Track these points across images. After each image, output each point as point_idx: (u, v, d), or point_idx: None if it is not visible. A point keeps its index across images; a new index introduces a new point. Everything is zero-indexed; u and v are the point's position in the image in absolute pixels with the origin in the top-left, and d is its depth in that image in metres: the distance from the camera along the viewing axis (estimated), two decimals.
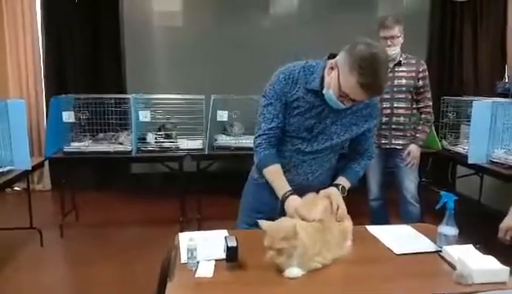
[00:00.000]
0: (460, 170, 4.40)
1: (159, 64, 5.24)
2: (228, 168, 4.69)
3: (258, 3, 5.31)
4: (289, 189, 1.69)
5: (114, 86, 4.97)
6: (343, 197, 1.70)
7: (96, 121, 3.93)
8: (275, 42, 4.80)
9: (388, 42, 3.03)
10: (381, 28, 3.06)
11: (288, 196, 1.66)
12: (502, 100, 3.86)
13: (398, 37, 3.04)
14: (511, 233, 1.90)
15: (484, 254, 1.50)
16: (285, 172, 1.75)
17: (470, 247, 1.57)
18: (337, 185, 1.75)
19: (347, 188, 1.77)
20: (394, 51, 3.05)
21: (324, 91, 1.64)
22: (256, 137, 1.78)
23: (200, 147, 3.98)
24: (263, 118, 1.74)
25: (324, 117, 1.71)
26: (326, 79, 1.63)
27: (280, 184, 1.71)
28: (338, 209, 1.62)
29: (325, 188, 1.73)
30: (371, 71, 1.47)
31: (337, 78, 1.56)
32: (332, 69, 1.59)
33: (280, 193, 1.70)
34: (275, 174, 1.74)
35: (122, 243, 3.72)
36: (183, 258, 1.52)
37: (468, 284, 1.36)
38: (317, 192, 1.71)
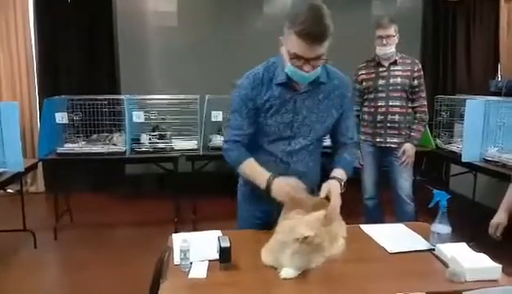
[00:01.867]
0: (454, 168, 4.41)
1: (152, 65, 5.21)
2: (223, 169, 4.67)
3: (252, 3, 5.30)
4: (270, 174, 1.65)
5: (108, 87, 4.96)
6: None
7: (89, 122, 3.91)
8: (269, 42, 4.76)
9: (384, 41, 3.07)
10: (377, 27, 3.12)
11: (272, 180, 1.62)
12: (495, 98, 3.88)
13: (394, 36, 3.08)
14: (501, 229, 1.92)
15: (478, 252, 1.51)
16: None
17: (463, 245, 1.58)
18: (337, 178, 1.70)
19: (344, 180, 1.72)
20: (390, 49, 3.09)
21: (285, 70, 1.61)
22: (223, 143, 1.79)
23: (195, 147, 3.97)
24: (231, 124, 1.75)
25: (299, 108, 1.69)
26: (282, 56, 1.62)
27: (260, 174, 1.67)
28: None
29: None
30: (305, 18, 1.47)
31: (285, 49, 1.57)
32: (282, 46, 1.60)
33: (261, 182, 1.64)
34: (251, 167, 1.71)
35: (116, 245, 3.70)
36: (176, 259, 1.51)
37: (460, 282, 1.37)
38: (310, 191, 1.71)
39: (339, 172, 1.73)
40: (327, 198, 1.62)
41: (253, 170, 1.71)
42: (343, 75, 1.78)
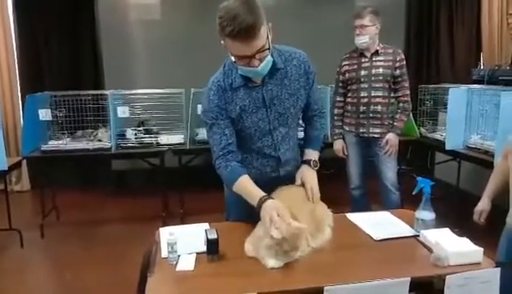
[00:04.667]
0: (439, 156, 4.47)
1: (137, 59, 5.17)
2: (210, 162, 4.67)
3: None
4: (264, 194, 1.57)
5: (92, 83, 4.91)
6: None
7: (73, 118, 3.86)
8: None
9: (357, 31, 3.08)
10: (354, 17, 3.14)
11: (261, 204, 1.52)
12: (478, 86, 3.94)
13: (368, 26, 3.07)
14: (485, 215, 1.96)
15: (461, 237, 1.54)
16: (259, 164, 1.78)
17: (447, 230, 1.61)
18: (308, 161, 1.80)
19: (317, 159, 1.82)
20: (363, 39, 3.09)
21: (239, 72, 1.62)
22: (214, 161, 1.72)
23: (182, 142, 3.95)
24: (213, 141, 1.70)
25: (269, 100, 1.67)
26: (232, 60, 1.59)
27: (253, 193, 1.59)
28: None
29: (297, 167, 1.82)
30: (228, 20, 1.44)
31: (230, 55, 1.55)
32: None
33: (254, 201, 1.56)
34: (244, 185, 1.64)
35: (104, 241, 3.68)
36: (164, 253, 1.51)
37: (444, 266, 1.40)
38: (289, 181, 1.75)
39: (309, 153, 1.83)
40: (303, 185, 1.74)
41: (246, 190, 1.64)
42: (299, 51, 1.73)
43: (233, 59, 1.55)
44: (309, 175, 1.75)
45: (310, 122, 1.89)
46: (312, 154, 1.83)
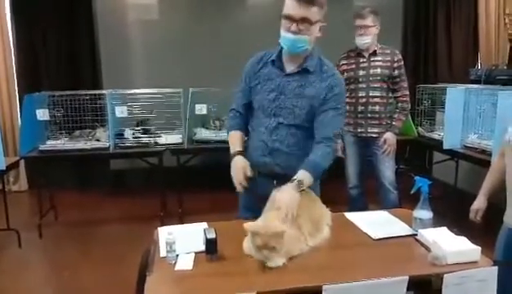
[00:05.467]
0: (437, 156, 4.49)
1: (135, 59, 5.16)
2: (208, 162, 4.68)
3: None
4: (239, 149, 1.87)
5: (90, 82, 4.89)
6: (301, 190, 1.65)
7: (71, 118, 3.86)
8: (252, 34, 4.78)
9: (361, 31, 3.09)
10: (355, 17, 3.14)
11: (233, 157, 1.85)
12: (475, 86, 3.95)
13: (371, 27, 3.09)
14: (481, 213, 1.97)
15: (459, 236, 1.55)
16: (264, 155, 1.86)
17: (444, 229, 1.61)
18: (293, 180, 1.65)
19: (305, 180, 1.66)
20: (366, 40, 3.11)
21: (279, 40, 1.78)
22: (229, 112, 2.02)
23: (180, 141, 3.95)
24: (234, 98, 2.00)
25: (282, 89, 1.81)
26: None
27: (233, 144, 1.90)
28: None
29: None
30: None
31: (281, 16, 1.75)
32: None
33: (231, 150, 1.89)
34: (233, 137, 1.94)
35: (102, 241, 3.68)
36: (162, 252, 1.51)
37: (442, 265, 1.40)
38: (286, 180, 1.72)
39: (299, 173, 1.68)
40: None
41: (231, 140, 1.93)
42: (337, 72, 1.87)
43: (281, 28, 1.75)
44: (283, 197, 1.59)
45: (316, 148, 1.76)
46: (303, 175, 1.67)
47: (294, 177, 1.66)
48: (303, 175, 1.68)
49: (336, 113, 1.78)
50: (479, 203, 1.99)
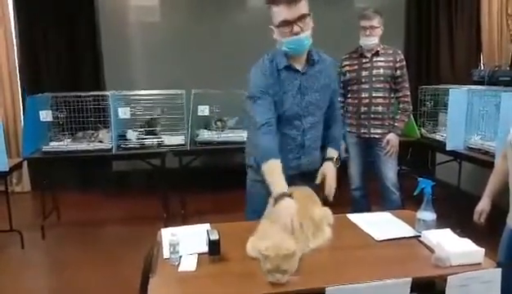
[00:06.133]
0: (439, 157, 4.47)
1: (138, 60, 5.17)
2: (211, 163, 4.68)
3: None
4: (286, 190, 1.62)
5: (93, 84, 4.89)
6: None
7: (74, 119, 3.86)
8: (253, 34, 4.77)
9: (367, 32, 3.09)
10: (361, 18, 3.13)
11: (280, 198, 1.58)
12: (478, 87, 3.94)
13: (377, 27, 3.10)
14: (485, 215, 1.96)
15: (463, 237, 1.54)
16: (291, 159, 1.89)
17: (448, 230, 1.61)
18: (331, 159, 1.97)
19: (336, 156, 2.00)
20: (373, 41, 3.11)
21: (283, 48, 1.79)
22: (254, 132, 1.82)
23: (182, 143, 3.95)
24: (257, 112, 1.78)
25: (304, 88, 1.85)
26: (278, 43, 1.81)
27: (276, 182, 1.64)
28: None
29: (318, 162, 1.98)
30: None
31: (275, 27, 1.76)
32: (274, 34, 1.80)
33: (275, 189, 1.62)
34: (272, 169, 1.69)
35: (105, 243, 3.68)
36: (165, 253, 1.52)
37: (446, 267, 1.40)
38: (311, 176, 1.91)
39: (331, 151, 2.00)
40: (323, 182, 1.90)
41: (273, 174, 1.68)
42: (327, 55, 1.96)
43: (278, 36, 1.76)
44: (330, 172, 1.93)
45: (333, 123, 2.04)
46: (334, 153, 1.99)
47: (330, 155, 1.98)
48: (335, 152, 2.01)
49: (338, 92, 2.14)
50: (483, 205, 1.98)
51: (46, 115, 3.72)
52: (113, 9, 5.10)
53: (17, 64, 4.95)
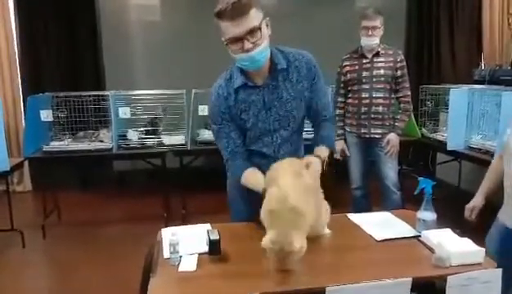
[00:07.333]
0: (440, 157, 4.48)
1: (138, 60, 5.18)
2: (211, 163, 4.67)
3: None
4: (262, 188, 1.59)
5: (93, 83, 4.91)
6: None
7: (75, 119, 3.87)
8: None
9: (369, 32, 3.08)
10: (363, 18, 3.12)
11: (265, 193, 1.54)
12: (479, 86, 3.94)
13: (379, 28, 3.09)
14: (476, 212, 1.96)
15: (463, 237, 1.54)
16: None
17: (448, 230, 1.61)
18: (318, 157, 1.69)
19: (326, 155, 1.74)
20: (374, 41, 3.11)
21: (236, 64, 1.64)
22: (225, 162, 1.78)
23: (183, 142, 3.95)
24: (221, 145, 1.75)
25: (269, 102, 1.68)
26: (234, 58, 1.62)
27: (257, 183, 1.63)
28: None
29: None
30: (219, 1, 1.51)
31: (224, 42, 1.57)
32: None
33: (259, 187, 1.59)
34: (250, 176, 1.69)
35: (106, 242, 3.68)
36: (166, 253, 1.52)
37: (446, 267, 1.40)
38: None
39: (319, 150, 1.74)
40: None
41: (251, 179, 1.68)
42: (303, 52, 1.73)
43: (231, 52, 1.57)
44: (314, 162, 1.64)
45: (319, 126, 1.82)
46: (323, 151, 1.73)
47: (317, 153, 1.71)
48: (323, 151, 1.73)
49: (324, 90, 1.78)
50: (475, 202, 1.96)
51: (47, 115, 3.73)
52: (113, 9, 5.10)
53: (18, 64, 4.96)
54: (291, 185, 1.42)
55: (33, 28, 4.91)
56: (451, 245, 1.45)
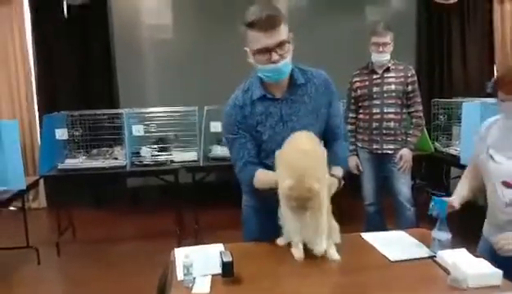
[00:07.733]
0: (454, 171, 4.43)
1: (151, 77, 5.26)
2: (224, 178, 4.69)
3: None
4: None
5: (107, 102, 4.99)
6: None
7: (89, 137, 3.94)
8: None
9: (380, 49, 3.08)
10: (373, 34, 3.13)
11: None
12: (491, 100, 3.90)
13: (389, 44, 3.10)
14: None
15: (478, 257, 1.52)
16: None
17: (464, 250, 1.59)
18: (333, 176, 1.69)
19: (341, 175, 1.75)
20: (385, 57, 3.11)
21: (258, 74, 1.69)
22: (237, 173, 1.78)
23: (195, 159, 3.98)
24: (234, 155, 1.75)
25: (286, 115, 1.71)
26: (254, 67, 1.69)
27: (270, 177, 1.63)
28: None
29: None
30: (252, 11, 1.58)
31: (251, 53, 1.64)
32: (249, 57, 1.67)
33: (272, 181, 1.59)
34: (261, 175, 1.69)
35: (120, 259, 3.70)
36: (179, 275, 1.52)
37: (463, 288, 1.38)
38: None
39: (335, 170, 1.74)
40: None
41: (261, 181, 1.69)
42: (320, 71, 1.79)
43: (254, 61, 1.64)
44: (333, 181, 1.66)
45: (333, 145, 1.81)
46: (339, 172, 1.74)
47: (333, 173, 1.71)
48: (339, 171, 1.74)
49: (339, 110, 1.86)
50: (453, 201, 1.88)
51: (62, 133, 3.80)
52: (126, 27, 5.20)
53: (34, 85, 5.07)
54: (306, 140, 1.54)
55: (48, 48, 5.03)
56: (467, 266, 1.43)
